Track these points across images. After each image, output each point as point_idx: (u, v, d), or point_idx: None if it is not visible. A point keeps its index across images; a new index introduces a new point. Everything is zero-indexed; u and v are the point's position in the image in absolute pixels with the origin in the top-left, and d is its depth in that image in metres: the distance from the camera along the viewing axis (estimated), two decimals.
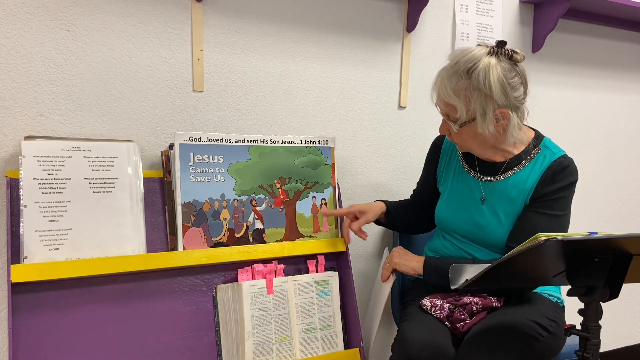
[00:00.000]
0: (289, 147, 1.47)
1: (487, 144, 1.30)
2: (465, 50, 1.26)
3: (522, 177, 1.31)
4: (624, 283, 0.98)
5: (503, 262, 0.95)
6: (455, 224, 1.39)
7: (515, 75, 1.24)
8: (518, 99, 1.25)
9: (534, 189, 1.29)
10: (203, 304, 1.37)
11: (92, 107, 1.36)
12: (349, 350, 1.47)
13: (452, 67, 1.25)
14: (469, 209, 1.37)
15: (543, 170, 1.29)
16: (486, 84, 1.20)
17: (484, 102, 1.22)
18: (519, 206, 1.31)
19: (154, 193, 1.36)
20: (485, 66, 1.21)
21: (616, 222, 2.38)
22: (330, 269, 1.52)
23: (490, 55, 1.23)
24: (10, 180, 1.19)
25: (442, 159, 1.48)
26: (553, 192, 1.28)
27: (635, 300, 2.45)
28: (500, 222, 1.32)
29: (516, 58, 1.24)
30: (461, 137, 1.30)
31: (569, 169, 1.29)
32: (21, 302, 1.17)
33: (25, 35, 1.27)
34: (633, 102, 2.35)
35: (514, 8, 2.00)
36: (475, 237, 1.36)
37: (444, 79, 1.25)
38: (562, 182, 1.28)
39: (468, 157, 1.41)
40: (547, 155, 1.32)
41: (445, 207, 1.43)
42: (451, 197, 1.42)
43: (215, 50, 1.49)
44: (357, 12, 1.69)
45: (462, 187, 1.40)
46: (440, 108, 1.31)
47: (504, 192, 1.33)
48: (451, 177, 1.44)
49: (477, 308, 1.26)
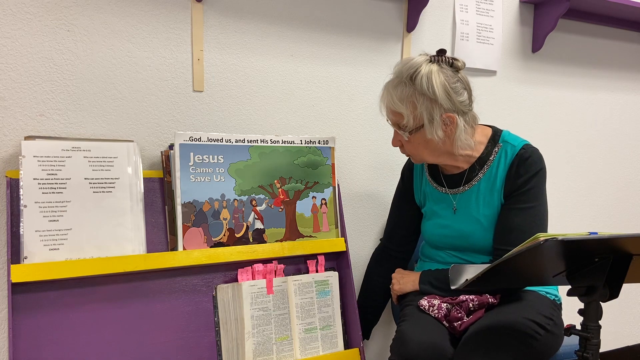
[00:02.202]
0: (289, 147, 1.47)
1: (439, 150, 1.32)
2: (407, 59, 1.30)
3: (490, 177, 1.33)
4: (624, 283, 0.98)
5: (503, 263, 0.95)
6: (439, 239, 1.42)
7: (457, 81, 1.28)
8: (463, 104, 1.28)
9: (503, 187, 1.31)
10: (203, 304, 1.37)
11: (92, 107, 1.36)
12: (349, 350, 1.47)
13: (396, 77, 1.29)
14: (447, 223, 1.39)
15: (508, 165, 1.31)
16: (430, 88, 1.23)
17: (429, 107, 1.25)
18: (497, 205, 1.33)
19: (154, 193, 1.36)
20: (427, 72, 1.24)
21: (616, 222, 2.38)
22: (330, 269, 1.52)
23: (431, 62, 1.27)
24: (10, 180, 1.19)
25: (416, 183, 1.49)
26: (521, 185, 1.29)
27: (635, 300, 2.46)
28: (483, 226, 1.33)
29: (457, 65, 1.29)
30: (413, 146, 1.32)
31: (531, 159, 1.30)
32: (21, 302, 1.17)
33: (25, 35, 1.27)
34: (633, 102, 2.35)
35: (514, 8, 2.00)
36: (462, 246, 1.38)
37: (389, 89, 1.30)
38: (528, 174, 1.29)
39: (434, 175, 1.45)
40: (509, 150, 1.33)
41: (428, 226, 1.45)
42: (430, 215, 1.45)
43: (215, 50, 1.49)
44: (357, 12, 1.69)
45: (437, 204, 1.42)
46: (389, 119, 1.34)
47: (478, 198, 1.35)
48: (427, 197, 1.46)
49: (474, 305, 1.26)
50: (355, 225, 1.76)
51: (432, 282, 1.36)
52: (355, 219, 1.76)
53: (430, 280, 1.36)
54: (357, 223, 1.77)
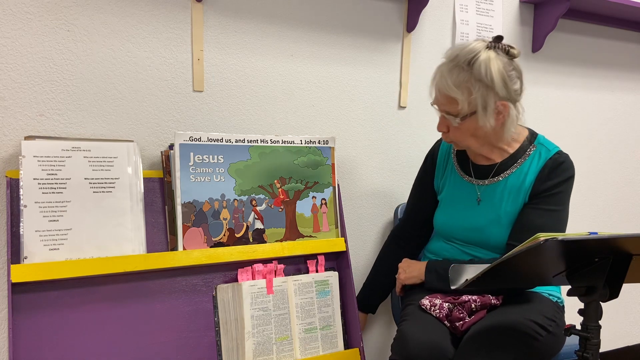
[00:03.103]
0: (289, 147, 1.47)
1: (485, 139, 1.31)
2: (464, 44, 1.27)
3: (520, 175, 1.32)
4: (624, 283, 0.98)
5: (503, 262, 0.95)
6: (453, 229, 1.40)
7: (512, 69, 1.26)
8: (517, 92, 1.27)
9: (532, 187, 1.30)
10: (203, 304, 1.37)
11: (92, 107, 1.36)
12: (349, 350, 1.47)
13: (451, 60, 1.26)
14: (466, 213, 1.38)
15: (540, 167, 1.31)
16: (487, 75, 1.21)
17: (485, 94, 1.23)
18: (520, 205, 1.32)
19: (154, 193, 1.36)
20: (486, 58, 1.22)
21: (616, 222, 2.38)
22: (330, 269, 1.52)
23: (489, 49, 1.24)
24: (10, 180, 1.19)
25: (438, 170, 1.48)
26: (550, 188, 1.29)
27: (635, 300, 2.46)
28: (500, 222, 1.32)
29: (512, 53, 1.27)
30: (460, 133, 1.30)
31: (565, 165, 1.30)
32: (21, 302, 1.17)
33: (25, 35, 1.27)
34: (633, 102, 2.35)
35: (514, 8, 2.00)
36: (475, 239, 1.36)
37: (444, 72, 1.26)
38: (559, 178, 1.29)
39: (462, 163, 1.43)
40: (543, 153, 1.33)
41: (443, 214, 1.44)
42: (448, 203, 1.43)
43: (215, 50, 1.49)
44: (357, 12, 1.69)
45: (458, 193, 1.41)
46: (439, 104, 1.30)
47: (503, 192, 1.33)
48: (447, 184, 1.45)
49: (476, 306, 1.26)
50: (355, 225, 1.76)
51: (438, 271, 1.34)
52: (355, 219, 1.76)
53: (437, 269, 1.35)
54: (357, 223, 1.77)
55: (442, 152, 1.49)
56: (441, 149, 1.49)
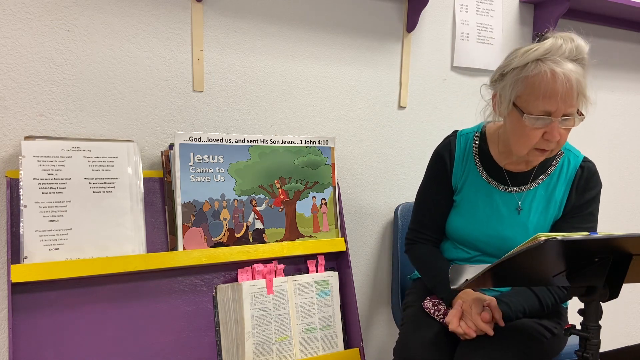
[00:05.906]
0: (289, 147, 1.47)
1: None
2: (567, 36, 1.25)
3: (550, 184, 1.27)
4: (624, 283, 0.98)
5: (503, 262, 0.95)
6: (473, 236, 1.30)
7: None
8: None
9: (566, 198, 1.26)
10: (203, 304, 1.37)
11: (92, 107, 1.36)
12: (349, 350, 1.47)
13: (572, 54, 1.22)
14: (492, 222, 1.28)
15: (572, 176, 1.26)
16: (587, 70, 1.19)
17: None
18: (550, 216, 1.27)
19: (154, 193, 1.36)
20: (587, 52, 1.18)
21: (616, 222, 2.37)
22: (330, 269, 1.52)
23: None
24: (10, 180, 1.19)
25: (457, 167, 1.34)
26: (587, 203, 1.25)
27: (635, 300, 2.45)
28: (528, 233, 1.23)
29: None
30: (566, 137, 1.21)
31: (597, 176, 1.27)
32: (21, 302, 1.17)
33: (25, 35, 1.27)
34: (633, 102, 2.35)
35: (514, 8, 1.99)
36: (495, 248, 1.28)
37: (570, 69, 1.20)
38: (594, 190, 1.25)
39: (489, 169, 1.32)
40: (571, 159, 1.28)
41: (462, 219, 1.32)
42: (469, 208, 1.32)
43: (215, 50, 1.49)
44: (357, 12, 1.69)
45: (483, 199, 1.30)
46: (566, 107, 1.21)
47: (534, 202, 1.27)
48: (467, 185, 1.33)
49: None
50: (355, 225, 1.76)
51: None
52: (355, 219, 1.76)
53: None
54: (357, 223, 1.77)
55: (460, 149, 1.35)
56: (458, 145, 1.35)
